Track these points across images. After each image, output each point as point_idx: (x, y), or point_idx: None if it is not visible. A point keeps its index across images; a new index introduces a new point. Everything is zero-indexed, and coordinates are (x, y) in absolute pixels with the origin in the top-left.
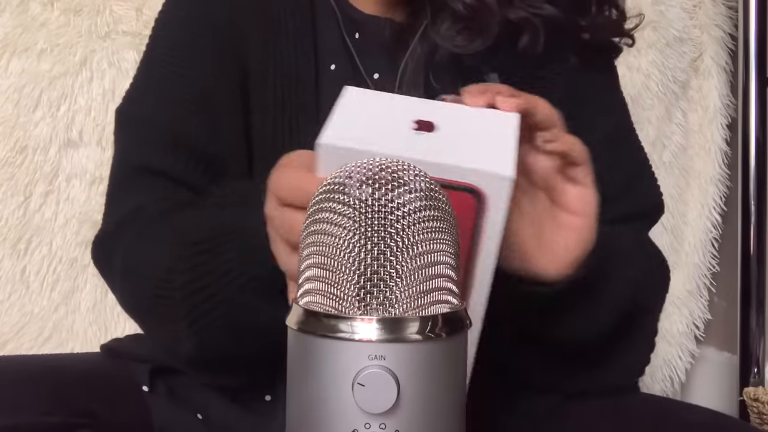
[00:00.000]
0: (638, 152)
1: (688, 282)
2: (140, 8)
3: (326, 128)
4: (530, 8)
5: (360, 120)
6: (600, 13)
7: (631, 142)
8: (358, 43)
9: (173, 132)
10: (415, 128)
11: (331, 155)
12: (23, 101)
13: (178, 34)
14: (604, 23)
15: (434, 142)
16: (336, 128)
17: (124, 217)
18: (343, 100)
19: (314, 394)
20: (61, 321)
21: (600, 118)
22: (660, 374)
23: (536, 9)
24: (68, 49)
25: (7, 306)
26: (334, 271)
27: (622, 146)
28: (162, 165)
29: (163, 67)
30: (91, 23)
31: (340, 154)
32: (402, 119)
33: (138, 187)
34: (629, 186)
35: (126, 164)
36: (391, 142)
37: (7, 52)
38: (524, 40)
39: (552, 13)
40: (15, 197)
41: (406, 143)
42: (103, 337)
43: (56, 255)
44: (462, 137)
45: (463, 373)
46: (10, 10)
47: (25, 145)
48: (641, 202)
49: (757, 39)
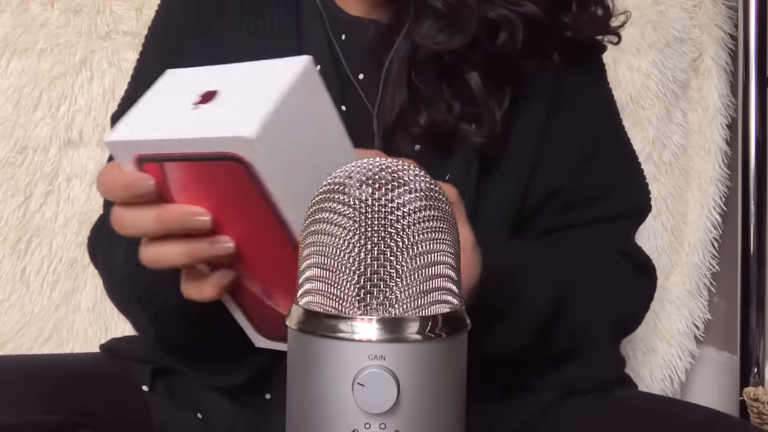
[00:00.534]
0: (625, 149)
1: (688, 282)
2: (140, 8)
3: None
4: (510, 5)
5: (152, 107)
6: (583, 11)
7: (616, 138)
8: (344, 44)
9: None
10: (196, 102)
11: (118, 149)
12: (23, 101)
13: (164, 39)
14: (589, 20)
15: (204, 115)
16: (126, 122)
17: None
18: (154, 87)
19: (314, 394)
20: (61, 321)
21: (581, 115)
22: (660, 374)
23: (516, 6)
24: (68, 49)
25: (7, 306)
26: (334, 271)
27: (605, 142)
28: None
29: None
30: (91, 23)
31: (125, 147)
32: (189, 96)
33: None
34: (613, 184)
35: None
36: (165, 125)
37: (7, 52)
38: (502, 37)
39: (532, 11)
40: (15, 197)
41: (179, 123)
42: (103, 337)
43: (56, 255)
44: (235, 101)
45: (463, 373)
46: (10, 10)
47: (25, 145)
48: (627, 201)
49: (757, 39)
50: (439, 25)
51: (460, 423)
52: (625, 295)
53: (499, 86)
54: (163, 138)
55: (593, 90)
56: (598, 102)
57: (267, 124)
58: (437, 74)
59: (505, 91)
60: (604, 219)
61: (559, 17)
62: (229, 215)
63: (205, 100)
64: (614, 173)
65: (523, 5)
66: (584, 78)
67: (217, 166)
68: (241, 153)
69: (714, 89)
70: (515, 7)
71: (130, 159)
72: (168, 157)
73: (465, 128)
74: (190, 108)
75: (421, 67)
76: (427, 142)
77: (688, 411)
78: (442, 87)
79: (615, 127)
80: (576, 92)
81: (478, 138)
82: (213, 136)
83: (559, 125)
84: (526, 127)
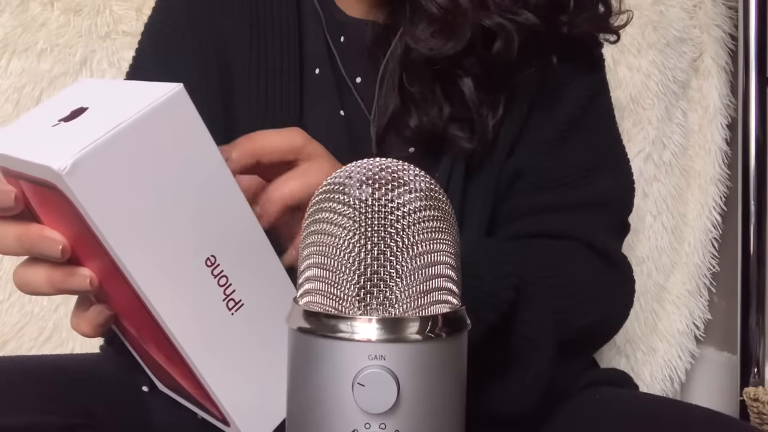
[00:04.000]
0: (607, 141)
1: (688, 282)
2: (140, 8)
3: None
4: (507, 14)
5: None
6: (582, 7)
7: (600, 129)
8: (342, 46)
9: None
10: (62, 118)
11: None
12: (23, 101)
13: (162, 37)
14: (588, 17)
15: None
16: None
17: None
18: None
19: (314, 394)
20: (61, 321)
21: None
22: (660, 374)
23: (513, 15)
24: (68, 49)
25: (7, 306)
26: (334, 271)
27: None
28: None
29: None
30: (91, 23)
31: None
32: (62, 111)
33: None
34: (585, 171)
35: None
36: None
37: (7, 52)
38: (498, 45)
39: (529, 20)
40: None
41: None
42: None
43: None
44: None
45: (463, 373)
46: (10, 10)
47: None
48: (598, 191)
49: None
50: (432, 29)
51: (460, 423)
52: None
53: (492, 93)
54: (6, 154)
55: (580, 81)
56: (582, 92)
57: (88, 156)
58: (430, 78)
59: (499, 98)
60: (575, 206)
61: (557, 17)
62: (88, 249)
63: (70, 118)
64: (588, 161)
65: (519, 14)
66: (571, 70)
67: (52, 191)
68: (57, 184)
69: (714, 89)
70: (512, 15)
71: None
72: (18, 176)
73: (456, 134)
74: (51, 125)
75: (413, 69)
76: (419, 145)
77: (687, 411)
78: (434, 90)
79: (600, 118)
80: (560, 84)
81: (468, 144)
82: (33, 161)
83: (537, 116)
84: (511, 127)
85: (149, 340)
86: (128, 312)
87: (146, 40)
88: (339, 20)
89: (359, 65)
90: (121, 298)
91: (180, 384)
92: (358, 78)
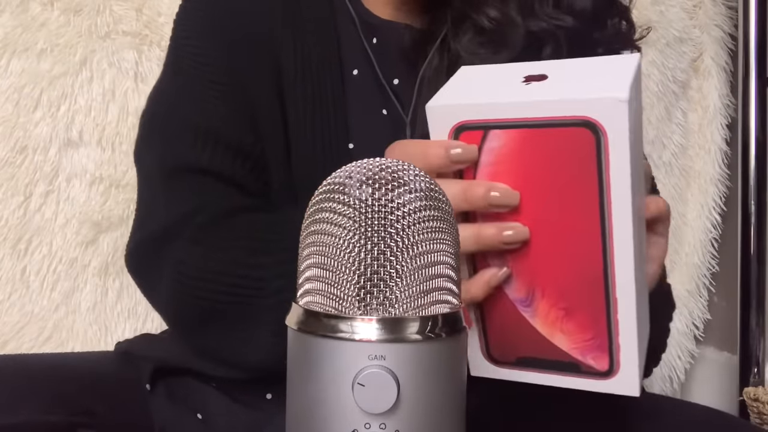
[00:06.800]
0: None
1: (688, 282)
2: (140, 8)
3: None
4: (552, 20)
5: (468, 84)
6: (613, 26)
7: None
8: (376, 48)
9: (212, 129)
10: (524, 81)
11: (439, 115)
12: (23, 101)
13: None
14: (616, 35)
15: (544, 87)
16: (443, 94)
17: (175, 222)
18: (454, 76)
19: (314, 394)
20: (61, 321)
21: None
22: (660, 374)
23: (558, 21)
24: (68, 49)
25: (7, 306)
26: (334, 271)
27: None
28: (205, 163)
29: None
30: (91, 23)
31: (448, 112)
32: (513, 77)
33: (183, 190)
34: None
35: (163, 167)
36: (497, 93)
37: (7, 52)
38: (547, 51)
39: (573, 25)
40: (15, 197)
41: (515, 92)
42: (103, 337)
43: (56, 255)
44: (574, 78)
45: (463, 373)
46: (10, 10)
47: (25, 145)
48: None
49: (757, 39)
50: (481, 39)
51: (460, 423)
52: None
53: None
54: (502, 102)
55: None
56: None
57: (630, 92)
58: None
59: None
60: None
61: (594, 33)
62: (538, 198)
63: (534, 79)
64: None
65: (564, 19)
66: None
67: (560, 133)
68: (602, 118)
69: (714, 89)
70: (557, 21)
71: (449, 127)
72: (500, 124)
73: None
74: (520, 83)
75: None
76: None
77: (687, 410)
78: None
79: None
80: None
81: None
82: (574, 97)
83: None
84: None
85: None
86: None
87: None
88: (370, 22)
89: (396, 67)
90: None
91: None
92: (396, 80)
